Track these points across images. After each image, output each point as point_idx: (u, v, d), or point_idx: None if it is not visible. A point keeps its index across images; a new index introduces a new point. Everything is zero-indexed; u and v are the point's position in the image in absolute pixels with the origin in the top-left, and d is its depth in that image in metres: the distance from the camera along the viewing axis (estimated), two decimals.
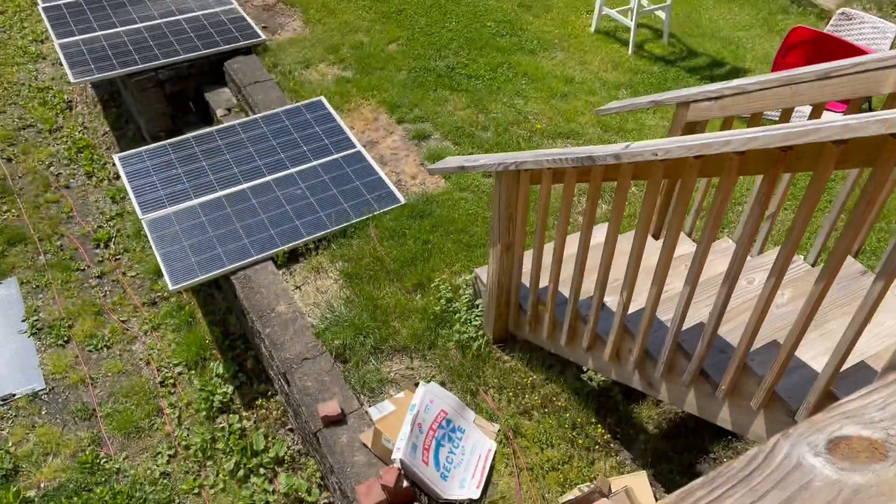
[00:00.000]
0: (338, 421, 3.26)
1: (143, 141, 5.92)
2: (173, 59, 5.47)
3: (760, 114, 2.85)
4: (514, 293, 3.29)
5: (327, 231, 4.24)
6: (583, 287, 2.81)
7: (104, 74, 5.29)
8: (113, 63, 5.39)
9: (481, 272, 3.62)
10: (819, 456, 0.54)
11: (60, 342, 4.38)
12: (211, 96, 5.60)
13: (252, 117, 5.00)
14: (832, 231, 2.72)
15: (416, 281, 3.93)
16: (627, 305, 2.53)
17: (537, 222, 2.87)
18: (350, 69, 5.61)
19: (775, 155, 1.79)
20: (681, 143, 1.91)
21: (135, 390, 4.15)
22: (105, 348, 4.38)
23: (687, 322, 2.42)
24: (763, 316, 2.01)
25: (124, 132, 6.12)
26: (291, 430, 3.95)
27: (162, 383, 4.21)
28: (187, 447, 3.88)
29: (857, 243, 2.93)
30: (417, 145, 4.93)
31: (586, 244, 2.63)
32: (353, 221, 4.30)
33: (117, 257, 5.00)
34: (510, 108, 5.23)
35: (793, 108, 2.77)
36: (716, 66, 5.88)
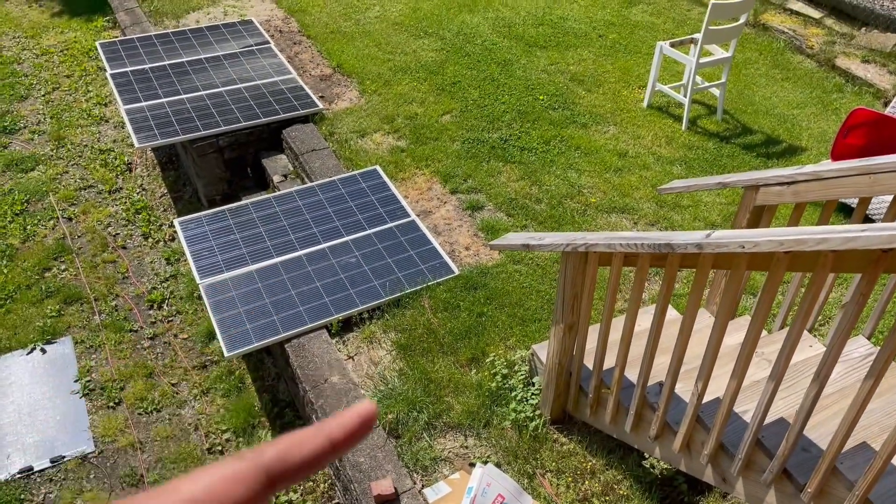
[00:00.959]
0: (391, 501, 3.18)
1: (198, 203, 6.05)
2: (234, 126, 5.62)
3: (835, 201, 2.80)
4: (576, 374, 3.22)
5: (381, 300, 4.23)
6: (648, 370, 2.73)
7: (167, 140, 5.45)
8: (176, 129, 5.55)
9: (539, 349, 3.55)
10: None
11: (111, 404, 4.39)
12: (268, 162, 5.72)
13: (309, 185, 5.08)
14: None
15: (471, 355, 3.88)
16: (702, 397, 2.44)
17: (605, 306, 2.81)
18: (404, 139, 5.70)
19: (875, 255, 1.73)
20: (771, 237, 1.87)
21: (182, 456, 4.11)
22: (155, 412, 4.38)
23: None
24: (857, 419, 1.91)
25: (181, 195, 6.26)
26: None
27: (210, 450, 4.17)
28: None
29: None
30: (471, 216, 4.95)
31: (658, 330, 2.57)
32: (407, 291, 4.29)
33: (170, 319, 5.05)
34: (563, 181, 5.24)
35: (870, 197, 2.71)
36: (771, 143, 5.84)
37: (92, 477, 4.00)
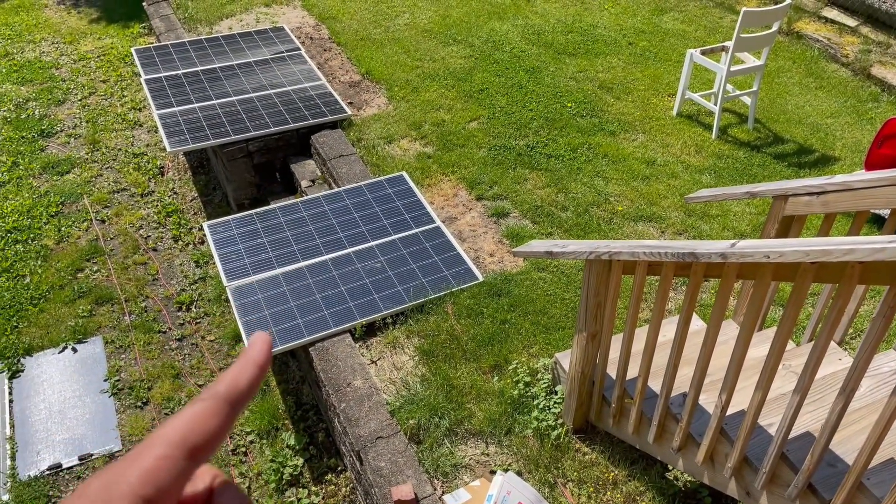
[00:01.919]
0: None
1: (228, 207, 6.13)
2: (264, 131, 5.69)
3: (867, 212, 2.74)
4: (599, 383, 3.19)
5: (405, 305, 4.24)
6: (673, 382, 2.70)
7: (198, 144, 5.54)
8: (207, 134, 5.63)
9: (562, 358, 3.53)
10: None
11: (139, 404, 4.46)
12: (297, 167, 5.78)
13: (336, 190, 5.12)
14: None
15: (493, 362, 3.87)
16: (726, 409, 2.41)
17: (628, 315, 2.79)
18: (431, 145, 5.72)
19: None
20: (796, 248, 1.84)
21: None
22: None
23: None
24: (884, 435, 1.87)
25: (211, 198, 6.35)
26: None
27: (234, 451, 4.22)
28: None
29: None
30: (496, 223, 4.94)
31: (682, 341, 2.54)
32: (431, 297, 4.30)
33: (198, 321, 5.12)
34: (590, 189, 5.21)
35: None
36: (804, 153, 5.75)
37: None
